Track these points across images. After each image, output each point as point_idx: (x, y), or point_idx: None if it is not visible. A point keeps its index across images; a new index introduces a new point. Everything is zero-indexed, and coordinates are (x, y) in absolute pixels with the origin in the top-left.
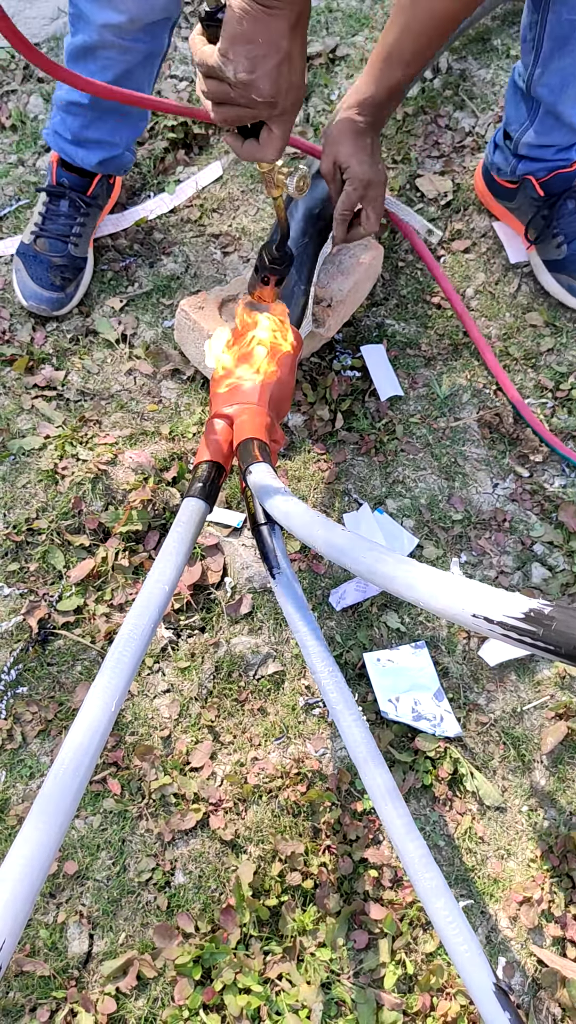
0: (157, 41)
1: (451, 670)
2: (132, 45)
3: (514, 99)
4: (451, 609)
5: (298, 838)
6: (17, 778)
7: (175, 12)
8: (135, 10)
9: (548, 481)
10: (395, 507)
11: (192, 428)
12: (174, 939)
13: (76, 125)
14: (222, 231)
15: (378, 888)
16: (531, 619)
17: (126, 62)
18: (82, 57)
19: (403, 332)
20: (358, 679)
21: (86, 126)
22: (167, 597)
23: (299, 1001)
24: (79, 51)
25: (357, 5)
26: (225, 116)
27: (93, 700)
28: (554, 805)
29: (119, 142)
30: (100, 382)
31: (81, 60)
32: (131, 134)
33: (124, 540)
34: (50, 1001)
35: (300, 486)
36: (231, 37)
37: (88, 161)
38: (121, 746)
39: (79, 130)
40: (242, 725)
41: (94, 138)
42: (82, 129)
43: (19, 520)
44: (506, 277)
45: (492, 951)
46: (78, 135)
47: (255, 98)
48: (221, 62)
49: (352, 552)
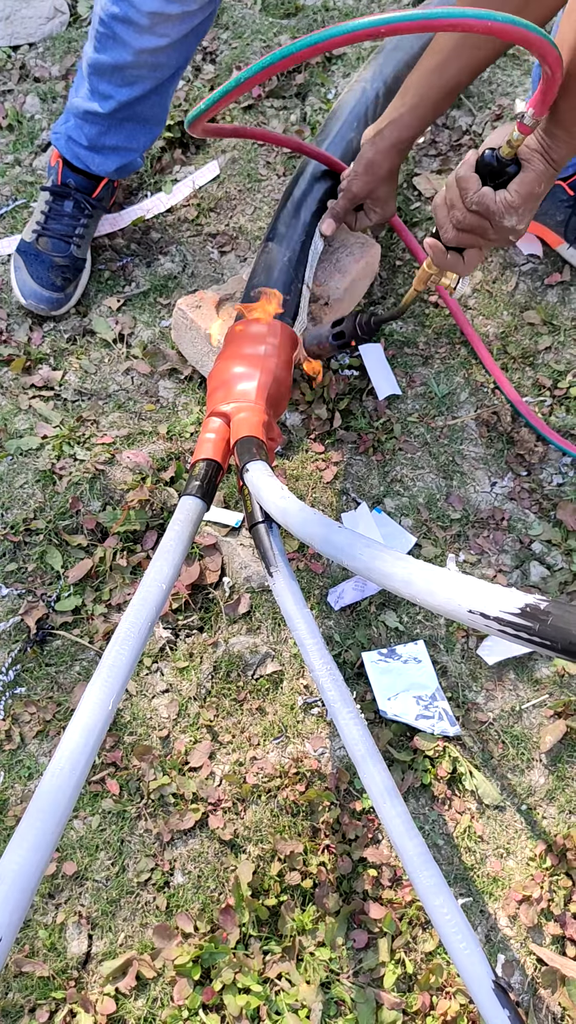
0: (187, 55)
1: (450, 669)
2: (165, 62)
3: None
4: (448, 605)
5: (297, 837)
6: (16, 779)
7: (209, 26)
8: (175, 33)
9: (546, 479)
10: (393, 506)
11: (190, 427)
12: (173, 939)
13: (93, 132)
14: (219, 230)
15: (377, 887)
16: (527, 614)
17: (156, 78)
18: (109, 73)
19: (401, 331)
20: (357, 678)
21: (104, 133)
22: (164, 596)
23: (299, 1001)
24: (107, 68)
25: (354, 4)
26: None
27: (90, 699)
28: (553, 803)
29: (136, 147)
30: (97, 382)
31: (107, 75)
32: (148, 139)
33: (122, 540)
34: (49, 1002)
35: (298, 485)
36: (527, 196)
37: (105, 168)
38: (120, 746)
39: (96, 137)
40: (241, 725)
41: (111, 144)
42: (100, 136)
43: (17, 520)
44: (504, 275)
45: (491, 950)
46: (95, 142)
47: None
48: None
49: (349, 549)
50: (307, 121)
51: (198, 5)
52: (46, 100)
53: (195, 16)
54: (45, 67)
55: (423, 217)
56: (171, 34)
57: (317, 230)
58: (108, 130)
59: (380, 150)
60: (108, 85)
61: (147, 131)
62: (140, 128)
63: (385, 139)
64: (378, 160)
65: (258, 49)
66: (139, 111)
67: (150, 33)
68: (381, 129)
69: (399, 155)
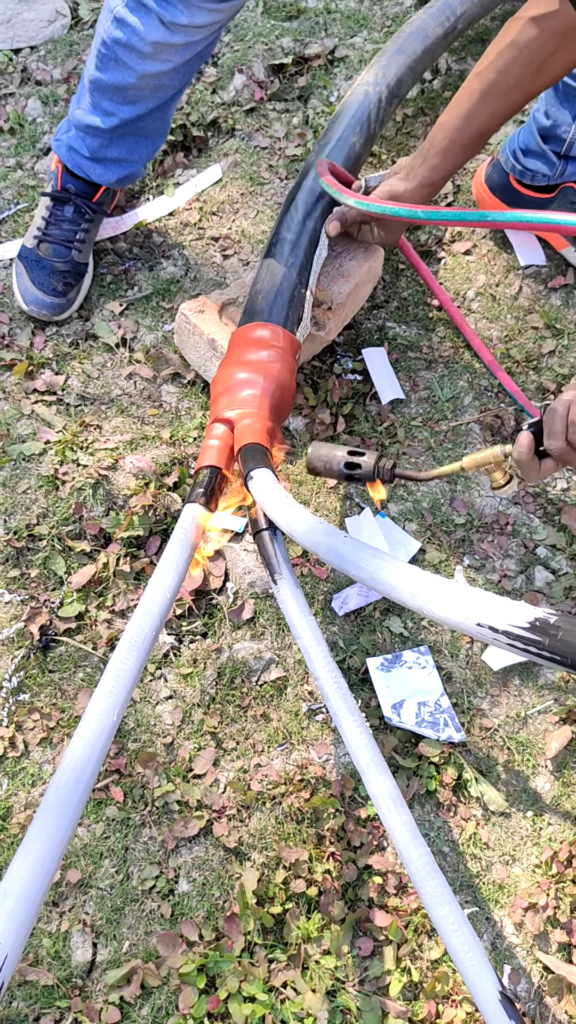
0: (190, 75)
1: (454, 675)
2: (168, 84)
3: (560, 99)
4: (455, 618)
5: (302, 845)
6: (20, 786)
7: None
8: (179, 59)
9: (551, 484)
10: (397, 511)
11: (193, 432)
12: (178, 947)
13: (95, 144)
14: (222, 234)
15: (383, 895)
16: (536, 628)
17: (159, 98)
18: (111, 92)
19: (404, 335)
20: (361, 684)
21: (105, 145)
22: (169, 604)
23: (304, 1009)
24: (109, 87)
25: (355, 6)
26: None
27: (95, 708)
28: (559, 810)
29: (138, 159)
30: (100, 387)
31: (109, 94)
32: (150, 151)
33: (125, 545)
34: (54, 1011)
35: (302, 490)
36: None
37: (106, 178)
38: (124, 753)
39: (98, 149)
40: (245, 731)
41: (113, 156)
42: (101, 148)
43: (20, 526)
44: (507, 279)
45: (497, 957)
46: (97, 154)
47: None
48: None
49: (355, 559)
50: (309, 124)
51: (203, 35)
52: (48, 103)
53: (199, 43)
54: (47, 70)
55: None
56: (174, 60)
57: (323, 232)
58: (110, 143)
59: (410, 188)
60: (110, 103)
61: (149, 143)
62: (142, 141)
63: (416, 178)
64: (405, 198)
65: (260, 52)
66: (141, 127)
67: (153, 59)
68: (416, 167)
69: (426, 197)
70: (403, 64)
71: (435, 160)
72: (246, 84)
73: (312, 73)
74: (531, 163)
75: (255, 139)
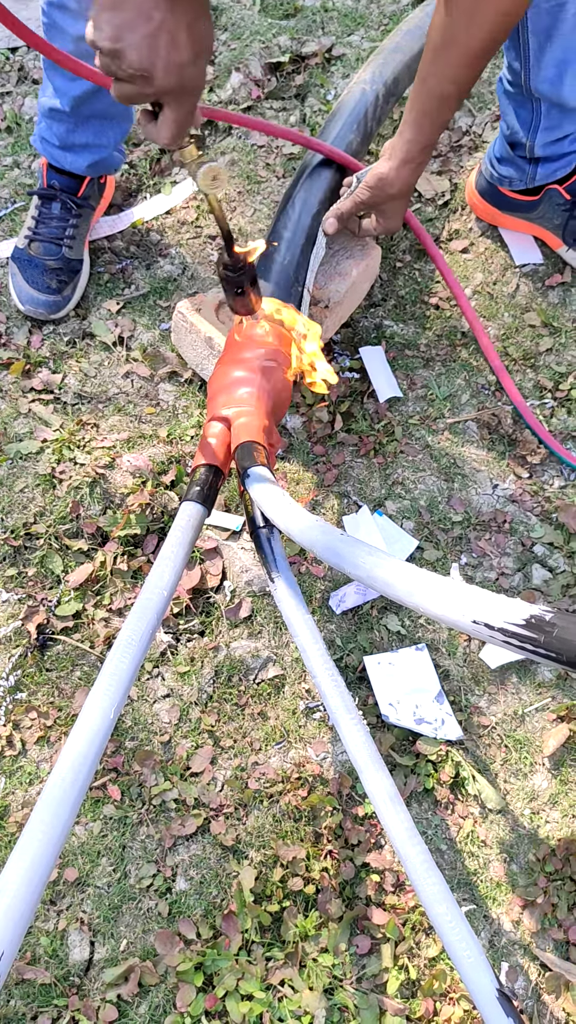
0: None
1: (452, 673)
2: None
3: (510, 106)
4: (451, 615)
5: (299, 843)
6: (16, 785)
7: None
8: None
9: (548, 482)
10: (395, 509)
11: (190, 431)
12: (175, 945)
13: (62, 131)
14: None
15: (380, 893)
16: (532, 625)
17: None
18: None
19: (402, 333)
20: (359, 682)
21: (71, 131)
22: (166, 602)
23: (302, 1007)
24: None
25: (352, 4)
26: (117, 92)
27: (92, 707)
28: (556, 808)
29: (107, 143)
30: (97, 385)
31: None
32: (118, 135)
33: (122, 544)
34: (51, 1009)
35: (299, 489)
36: (99, 3)
37: (78, 165)
38: (121, 751)
39: (65, 135)
40: (242, 730)
41: (80, 142)
42: (68, 134)
43: (17, 525)
44: (504, 277)
45: (495, 955)
46: (65, 140)
47: (125, 69)
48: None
49: (351, 557)
50: (306, 122)
51: None
52: None
53: None
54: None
55: (424, 218)
56: None
57: (320, 230)
58: (75, 128)
59: (393, 167)
60: (60, 79)
61: (115, 127)
62: (107, 124)
63: (397, 156)
64: (390, 177)
65: (257, 50)
66: (99, 108)
67: (83, 18)
68: (396, 145)
69: (411, 173)
70: (400, 62)
71: (408, 134)
72: (243, 82)
73: (309, 71)
74: (505, 170)
75: (252, 137)
